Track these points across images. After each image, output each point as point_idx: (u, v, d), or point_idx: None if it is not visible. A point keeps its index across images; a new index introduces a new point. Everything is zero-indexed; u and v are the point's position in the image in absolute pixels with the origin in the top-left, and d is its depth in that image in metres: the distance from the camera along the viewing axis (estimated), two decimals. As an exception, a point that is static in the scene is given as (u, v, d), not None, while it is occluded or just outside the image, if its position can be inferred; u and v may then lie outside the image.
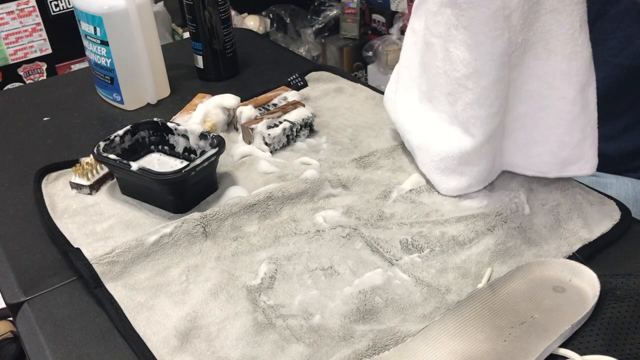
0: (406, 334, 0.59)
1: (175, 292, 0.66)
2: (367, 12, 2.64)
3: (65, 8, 2.20)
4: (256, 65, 1.19)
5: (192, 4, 1.05)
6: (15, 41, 2.16)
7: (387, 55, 2.39)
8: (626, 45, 0.92)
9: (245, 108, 0.92)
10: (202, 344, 0.60)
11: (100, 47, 0.98)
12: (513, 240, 0.70)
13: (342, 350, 0.58)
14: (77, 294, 0.67)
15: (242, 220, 0.75)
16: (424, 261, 0.68)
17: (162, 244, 0.71)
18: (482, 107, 0.71)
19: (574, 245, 0.69)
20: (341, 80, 1.09)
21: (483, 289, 0.62)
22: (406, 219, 0.74)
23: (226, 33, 1.09)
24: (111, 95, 1.04)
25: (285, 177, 0.83)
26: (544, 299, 0.61)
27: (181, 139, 0.84)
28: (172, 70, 1.10)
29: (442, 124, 0.77)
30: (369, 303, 0.63)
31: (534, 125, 0.75)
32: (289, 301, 0.64)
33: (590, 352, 0.55)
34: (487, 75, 0.69)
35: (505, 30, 0.67)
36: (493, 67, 0.68)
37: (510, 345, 0.56)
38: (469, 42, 0.68)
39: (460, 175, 0.76)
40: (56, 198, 0.81)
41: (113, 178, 0.83)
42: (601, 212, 0.74)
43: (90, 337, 0.62)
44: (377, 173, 0.83)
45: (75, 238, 0.74)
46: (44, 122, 1.02)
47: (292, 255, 0.70)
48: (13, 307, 0.67)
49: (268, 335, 0.60)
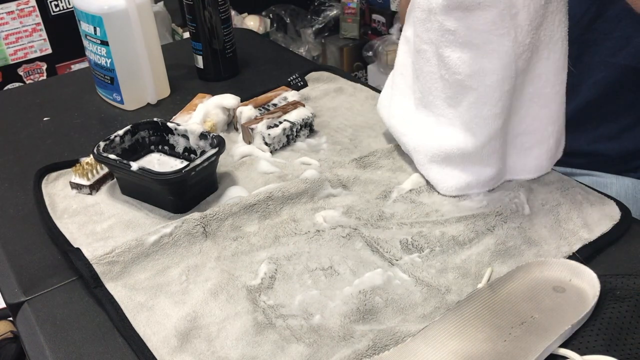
0: (406, 334, 0.59)
1: (175, 292, 0.66)
2: (367, 12, 2.64)
3: (65, 8, 2.20)
4: (256, 65, 1.19)
5: (192, 4, 1.05)
6: (15, 41, 2.16)
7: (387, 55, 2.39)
8: (625, 45, 0.92)
9: (245, 108, 0.92)
10: (202, 344, 0.60)
11: (100, 47, 0.98)
12: (513, 240, 0.70)
13: (342, 350, 0.58)
14: (77, 294, 0.67)
15: (242, 220, 0.75)
16: (424, 261, 0.68)
17: (162, 244, 0.71)
18: (485, 105, 0.71)
19: (574, 245, 0.69)
20: (341, 80, 1.09)
21: (483, 289, 0.62)
22: (406, 219, 0.74)
23: (226, 33, 1.09)
24: (111, 95, 1.04)
25: (285, 177, 0.83)
26: (544, 299, 0.61)
27: (181, 139, 0.84)
28: (172, 70, 1.10)
29: (441, 127, 0.77)
30: (369, 303, 0.63)
31: (536, 127, 0.75)
32: (289, 301, 0.64)
33: (590, 352, 0.55)
34: (492, 73, 0.69)
35: (511, 29, 0.67)
36: (499, 66, 0.69)
37: (510, 345, 0.56)
38: (475, 42, 0.69)
39: (460, 173, 0.76)
40: (56, 198, 0.81)
41: (113, 178, 0.83)
42: (601, 212, 0.74)
43: (90, 337, 0.62)
44: (377, 173, 0.83)
45: (75, 238, 0.74)
46: (44, 122, 1.02)
47: (292, 255, 0.70)
48: (13, 307, 0.67)
49: (268, 335, 0.60)
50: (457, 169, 0.76)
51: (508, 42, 0.68)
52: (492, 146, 0.74)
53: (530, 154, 0.77)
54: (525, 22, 0.67)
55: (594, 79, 0.95)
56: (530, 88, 0.73)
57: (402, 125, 0.83)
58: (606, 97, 0.96)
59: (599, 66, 0.94)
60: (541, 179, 0.79)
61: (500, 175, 0.78)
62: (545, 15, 0.68)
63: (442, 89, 0.74)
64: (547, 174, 0.80)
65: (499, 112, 0.72)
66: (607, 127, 0.98)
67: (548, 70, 0.72)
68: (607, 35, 0.92)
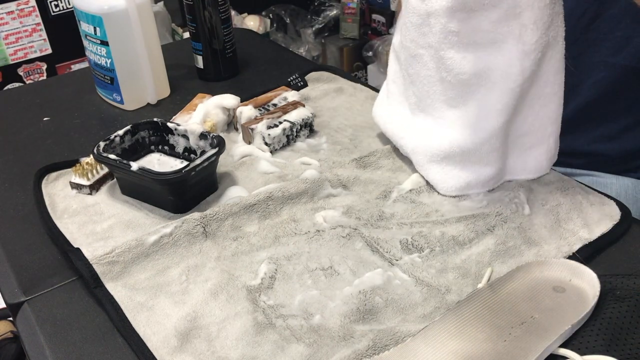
0: (406, 334, 0.59)
1: (175, 292, 0.66)
2: (367, 12, 2.64)
3: (65, 8, 2.20)
4: (256, 65, 1.19)
5: (192, 4, 1.05)
6: (15, 41, 2.17)
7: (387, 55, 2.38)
8: (624, 45, 0.92)
9: (245, 108, 0.92)
10: (202, 344, 0.60)
11: (100, 47, 0.98)
12: (513, 240, 0.70)
13: (342, 350, 0.58)
14: (77, 294, 0.67)
15: (242, 220, 0.75)
16: (424, 261, 0.68)
17: (162, 244, 0.71)
18: (487, 103, 0.71)
19: (574, 245, 0.69)
20: (341, 80, 1.09)
21: (483, 289, 0.62)
22: (406, 219, 0.74)
23: (226, 33, 1.09)
24: (111, 95, 1.04)
25: (285, 177, 0.83)
26: (544, 299, 0.61)
27: (181, 139, 0.84)
28: (172, 70, 1.10)
29: (440, 128, 0.77)
30: (369, 303, 0.63)
31: (537, 127, 0.75)
32: (289, 301, 0.64)
33: (590, 352, 0.55)
34: (495, 70, 0.70)
35: (515, 27, 0.68)
36: (502, 63, 0.69)
37: (510, 345, 0.56)
38: (480, 41, 0.69)
39: (459, 172, 0.76)
40: (56, 198, 0.81)
41: (113, 178, 0.83)
42: (601, 212, 0.74)
43: (90, 337, 0.62)
44: (377, 173, 0.83)
45: (75, 238, 0.74)
46: (44, 122, 1.02)
47: (292, 255, 0.70)
48: (13, 307, 0.67)
49: (268, 335, 0.60)
50: (457, 169, 0.76)
51: (512, 40, 0.68)
52: (492, 144, 0.74)
53: (531, 154, 0.77)
54: (530, 21, 0.67)
55: (593, 79, 0.95)
56: (533, 88, 0.73)
57: (399, 130, 0.83)
58: (606, 97, 0.96)
59: (598, 66, 0.94)
60: (541, 179, 0.79)
61: (500, 175, 0.78)
62: (552, 16, 0.68)
63: (442, 92, 0.74)
64: (547, 174, 0.80)
65: (500, 109, 0.72)
66: (607, 127, 0.98)
67: (549, 70, 0.72)
68: (607, 35, 0.92)
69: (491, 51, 0.69)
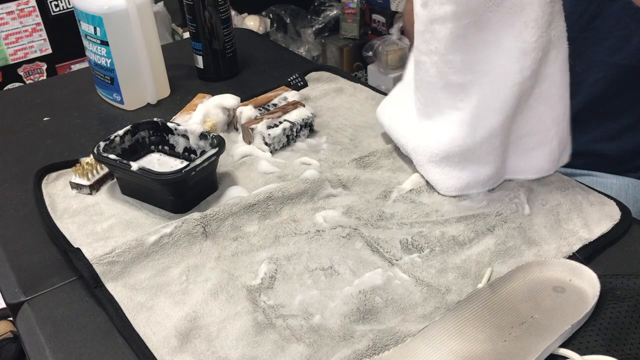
0: (406, 334, 0.59)
1: (175, 292, 0.66)
2: (367, 12, 2.64)
3: (65, 8, 2.20)
4: (256, 65, 1.19)
5: (192, 4, 1.05)
6: (15, 41, 2.17)
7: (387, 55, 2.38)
8: (624, 44, 0.92)
9: (245, 108, 0.92)
10: (202, 344, 0.60)
11: (100, 47, 0.98)
12: (513, 240, 0.70)
13: (342, 350, 0.58)
14: (77, 294, 0.67)
15: (242, 220, 0.75)
16: (424, 261, 0.68)
17: (162, 244, 0.71)
18: (487, 102, 0.71)
19: (574, 245, 0.69)
20: (341, 80, 1.09)
21: (483, 289, 0.62)
22: (406, 219, 0.74)
23: (226, 33, 1.09)
24: (111, 95, 1.04)
25: (285, 177, 0.83)
26: (544, 299, 0.61)
27: (181, 139, 0.84)
28: (172, 70, 1.10)
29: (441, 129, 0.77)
30: (369, 303, 0.63)
31: (540, 128, 0.75)
32: (289, 301, 0.64)
33: (590, 352, 0.55)
34: (495, 68, 0.70)
35: (516, 25, 0.68)
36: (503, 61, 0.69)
37: (510, 345, 0.56)
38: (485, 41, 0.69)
39: (459, 172, 0.76)
40: (56, 198, 0.81)
41: (113, 178, 0.83)
42: (601, 212, 0.74)
43: (90, 337, 0.62)
44: (377, 173, 0.83)
45: (75, 238, 0.74)
46: (44, 122, 1.02)
47: (292, 255, 0.70)
48: (13, 307, 0.67)
49: (268, 335, 0.60)
50: (457, 169, 0.76)
51: (512, 39, 0.68)
52: (492, 143, 0.74)
53: (533, 155, 0.77)
54: (531, 19, 0.67)
55: (593, 78, 0.95)
56: (538, 89, 0.73)
57: (401, 128, 0.83)
58: (606, 97, 0.96)
59: (598, 65, 0.94)
60: (541, 179, 0.79)
61: (500, 175, 0.78)
62: (553, 14, 0.68)
63: (445, 98, 0.74)
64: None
65: (499, 107, 0.71)
66: (606, 126, 0.98)
67: (555, 70, 0.72)
68: (607, 35, 0.92)
69: (492, 51, 0.69)
